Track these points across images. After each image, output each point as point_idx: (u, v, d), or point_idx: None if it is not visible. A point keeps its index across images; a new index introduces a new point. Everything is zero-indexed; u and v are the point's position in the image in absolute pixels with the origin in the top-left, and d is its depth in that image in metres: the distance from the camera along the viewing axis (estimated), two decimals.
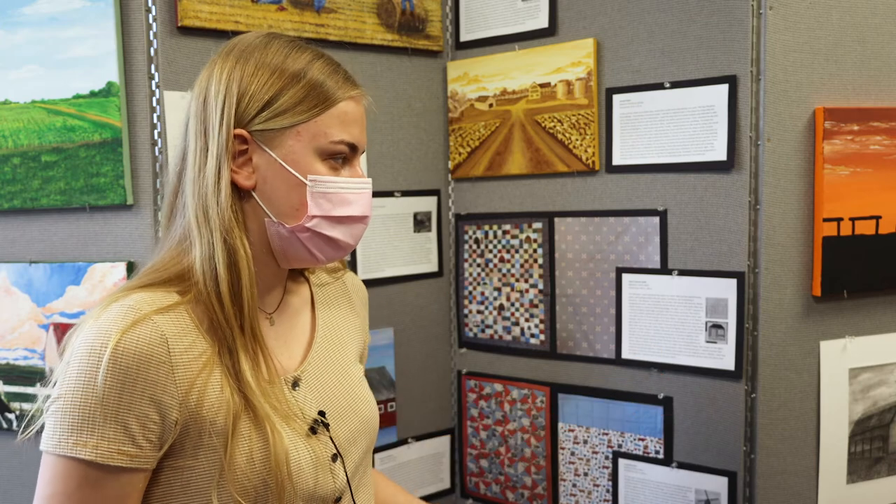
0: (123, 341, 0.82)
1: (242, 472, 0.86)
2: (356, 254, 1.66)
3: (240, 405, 0.87)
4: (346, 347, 1.07)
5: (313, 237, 0.93)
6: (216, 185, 0.88)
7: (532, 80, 1.66)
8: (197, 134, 0.91)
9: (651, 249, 1.55)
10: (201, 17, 1.40)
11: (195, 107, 0.92)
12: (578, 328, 1.66)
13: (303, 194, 0.91)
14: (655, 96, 1.52)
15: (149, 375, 0.82)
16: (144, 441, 0.83)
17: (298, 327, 1.02)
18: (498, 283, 1.77)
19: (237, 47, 0.93)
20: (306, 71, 0.91)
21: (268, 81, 0.90)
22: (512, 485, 1.79)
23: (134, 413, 0.82)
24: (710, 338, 1.48)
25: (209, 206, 0.88)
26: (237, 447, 0.86)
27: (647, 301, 1.56)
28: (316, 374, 0.99)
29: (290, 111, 0.90)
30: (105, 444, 0.81)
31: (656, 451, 1.57)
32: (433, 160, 1.80)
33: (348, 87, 0.93)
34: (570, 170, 1.63)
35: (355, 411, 1.01)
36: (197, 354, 0.87)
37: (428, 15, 1.73)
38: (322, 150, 0.91)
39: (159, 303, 0.87)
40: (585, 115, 1.60)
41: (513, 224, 1.74)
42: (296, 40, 0.95)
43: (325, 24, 1.56)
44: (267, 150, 0.90)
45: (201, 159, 0.90)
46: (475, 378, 1.83)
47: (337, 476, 0.95)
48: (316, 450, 0.92)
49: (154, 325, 0.84)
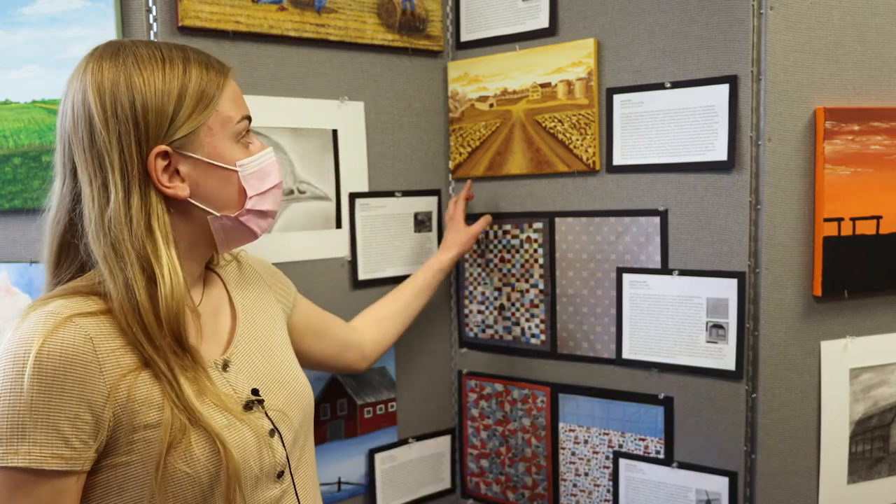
0: (47, 345, 0.81)
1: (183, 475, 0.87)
2: (357, 254, 1.66)
3: (180, 418, 0.87)
4: (270, 323, 1.13)
5: (252, 216, 0.99)
6: (126, 216, 0.88)
7: (532, 80, 1.66)
8: (90, 171, 0.89)
9: (652, 249, 1.55)
10: (202, 17, 1.40)
11: (78, 144, 0.90)
12: (579, 328, 1.66)
13: (237, 182, 0.96)
14: (656, 96, 1.52)
15: (76, 375, 0.82)
16: (78, 442, 0.83)
17: (220, 318, 1.06)
18: (498, 283, 1.77)
19: (104, 68, 0.90)
20: (189, 75, 0.93)
21: (164, 94, 0.90)
22: (513, 485, 1.79)
23: (65, 415, 0.82)
24: (711, 338, 1.48)
25: (119, 241, 0.88)
26: (177, 454, 0.87)
27: (648, 301, 1.56)
28: (243, 355, 1.03)
29: (193, 114, 0.92)
30: (38, 450, 0.81)
31: (657, 451, 1.57)
32: (434, 160, 1.80)
33: (224, 72, 0.99)
34: (570, 170, 1.63)
35: (285, 385, 1.06)
36: (125, 357, 0.87)
37: (428, 15, 1.73)
38: (233, 134, 0.97)
39: (80, 308, 0.87)
40: (586, 115, 1.60)
41: (513, 224, 1.74)
42: (152, 42, 0.95)
43: (325, 23, 1.56)
44: (191, 154, 0.93)
45: (101, 198, 0.88)
46: (476, 378, 1.83)
47: (276, 450, 0.99)
48: (255, 428, 0.96)
49: (77, 327, 0.84)
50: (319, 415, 1.62)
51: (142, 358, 0.88)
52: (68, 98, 0.92)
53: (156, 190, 0.90)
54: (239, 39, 1.47)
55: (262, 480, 0.97)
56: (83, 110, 0.89)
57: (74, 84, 0.92)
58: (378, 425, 1.72)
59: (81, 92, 0.90)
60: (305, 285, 1.58)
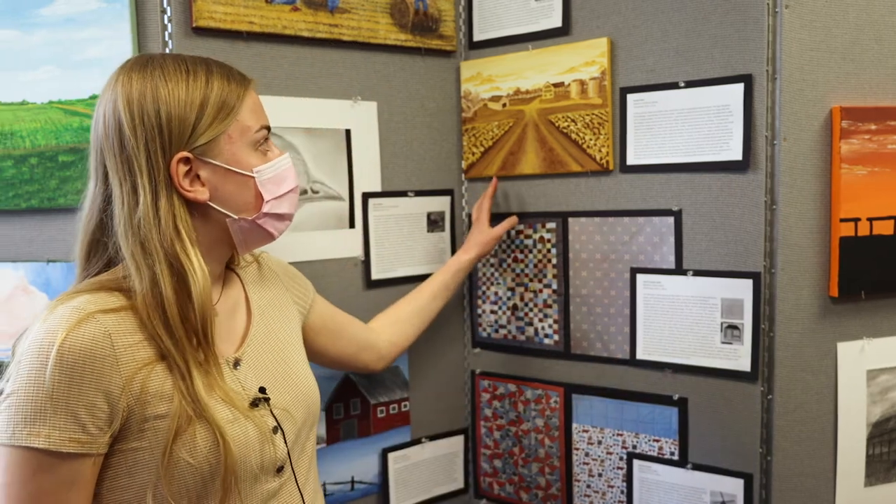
0: (69, 339, 0.88)
1: (186, 464, 0.93)
2: (370, 253, 1.66)
3: (187, 410, 0.94)
4: (284, 324, 1.18)
5: (269, 219, 1.05)
6: (155, 217, 0.95)
7: (545, 80, 1.66)
8: (120, 175, 0.97)
9: (666, 250, 1.54)
10: (216, 17, 1.40)
11: (109, 150, 0.98)
12: (592, 328, 1.65)
13: (254, 186, 1.02)
14: (670, 96, 1.51)
15: (94, 368, 0.89)
16: (94, 428, 0.90)
17: (236, 319, 1.12)
18: (511, 283, 1.77)
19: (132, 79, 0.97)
20: (210, 85, 0.99)
21: (187, 104, 0.97)
22: (526, 485, 1.78)
23: (83, 403, 0.89)
24: (726, 339, 1.47)
25: (148, 240, 0.95)
26: (182, 443, 0.93)
27: (662, 301, 1.55)
28: (255, 354, 1.09)
29: (214, 122, 0.99)
30: (57, 434, 0.88)
31: (671, 452, 1.56)
32: (446, 160, 1.80)
33: (245, 83, 1.05)
34: (583, 170, 1.63)
35: (293, 385, 1.11)
36: (141, 352, 0.94)
37: (441, 15, 1.73)
38: (252, 142, 1.03)
39: (104, 304, 0.94)
40: (599, 114, 1.59)
41: (526, 224, 1.73)
42: (178, 56, 1.02)
43: (338, 24, 1.56)
44: (210, 160, 0.99)
45: (131, 199, 0.96)
46: (489, 378, 1.82)
47: (278, 447, 1.04)
48: (259, 424, 1.01)
49: (98, 323, 0.91)
50: (333, 414, 1.62)
51: (158, 352, 0.95)
52: (101, 107, 1.00)
53: (178, 194, 0.98)
54: (253, 40, 1.47)
55: (261, 474, 1.02)
56: (114, 119, 0.97)
57: (106, 94, 0.99)
58: (391, 425, 1.72)
59: (112, 102, 0.98)
60: (319, 285, 1.59)
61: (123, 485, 0.94)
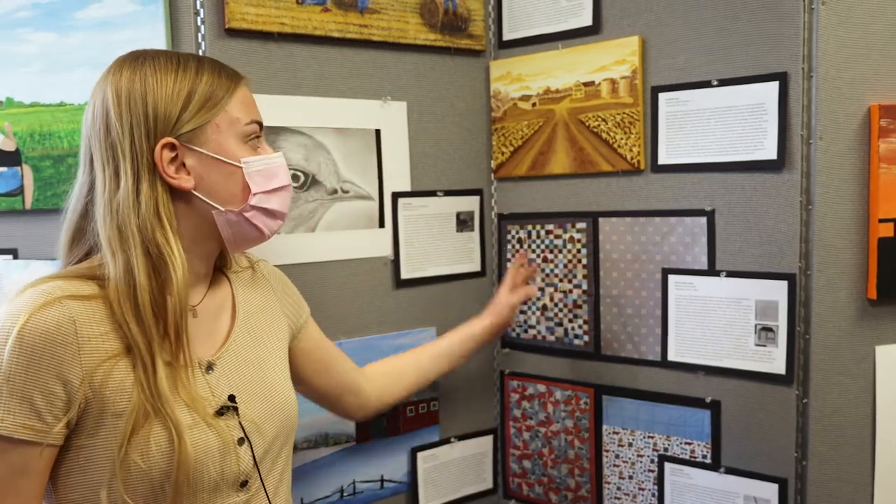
0: (31, 321, 0.86)
1: (136, 467, 0.90)
2: (399, 253, 1.66)
3: (146, 405, 0.91)
4: (269, 334, 1.14)
5: (258, 213, 1.01)
6: (135, 202, 0.93)
7: (576, 79, 1.65)
8: (104, 161, 0.95)
9: (698, 250, 1.52)
10: (248, 19, 1.42)
11: (95, 136, 0.97)
12: (623, 329, 1.64)
13: (241, 177, 1.00)
14: (702, 94, 1.49)
15: (55, 353, 0.87)
16: (49, 416, 0.88)
17: (219, 322, 1.08)
18: (541, 283, 1.76)
19: (123, 70, 0.97)
20: (199, 78, 0.98)
21: (173, 91, 0.96)
22: (555, 486, 1.77)
23: (39, 389, 0.87)
24: (760, 341, 1.45)
25: (126, 224, 0.93)
26: (135, 444, 0.90)
27: (694, 303, 1.53)
28: (231, 360, 1.04)
29: (201, 111, 0.97)
30: (10, 418, 0.86)
31: (703, 455, 1.54)
32: (476, 160, 1.79)
33: (236, 79, 1.03)
34: (614, 169, 1.61)
35: (266, 397, 1.06)
36: (106, 343, 0.91)
37: (470, 14, 1.72)
38: (241, 135, 1.01)
39: (75, 290, 0.92)
40: (630, 113, 1.58)
41: (556, 224, 1.72)
42: (171, 51, 1.04)
43: (368, 24, 1.57)
44: (197, 148, 0.97)
45: (112, 184, 0.95)
46: (518, 378, 1.82)
47: (242, 460, 0.99)
48: (221, 433, 0.97)
49: (63, 308, 0.89)
50: None
51: (124, 345, 0.92)
52: (92, 99, 0.99)
53: (162, 181, 0.95)
54: (284, 41, 1.48)
55: (221, 487, 0.98)
56: (102, 108, 0.96)
57: (98, 87, 0.99)
58: (420, 424, 1.72)
59: (102, 92, 0.97)
60: (348, 284, 1.60)
61: (75, 482, 0.92)
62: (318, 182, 1.54)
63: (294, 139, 1.51)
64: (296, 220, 1.52)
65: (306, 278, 1.54)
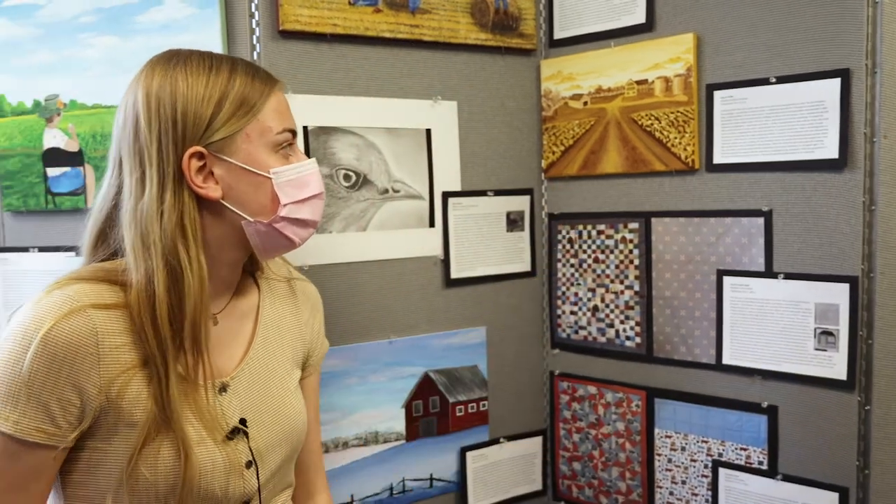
0: (55, 329, 0.86)
1: (143, 479, 0.90)
2: (449, 252, 1.66)
3: (158, 418, 0.91)
4: (285, 354, 1.11)
5: (288, 224, 0.99)
6: (158, 210, 0.92)
7: (628, 78, 1.62)
8: (132, 166, 0.94)
9: (755, 251, 1.49)
10: (301, 20, 1.44)
11: (125, 140, 0.95)
12: (676, 331, 1.61)
13: (270, 188, 0.97)
14: (760, 92, 1.46)
15: (74, 364, 0.87)
16: (64, 422, 0.89)
17: (241, 330, 1.06)
18: (592, 283, 1.74)
19: (155, 73, 0.95)
20: (232, 82, 0.95)
21: (204, 98, 0.93)
22: (606, 489, 1.75)
23: (56, 396, 0.87)
24: (820, 345, 1.41)
25: (149, 233, 0.91)
26: (144, 456, 0.90)
27: (751, 305, 1.49)
28: (246, 380, 1.03)
29: (232, 119, 0.94)
30: (25, 421, 0.87)
31: (759, 461, 1.51)
32: (526, 159, 1.78)
33: (271, 84, 1.00)
34: (667, 169, 1.59)
35: (278, 421, 1.05)
36: (125, 355, 0.91)
37: (521, 13, 1.72)
38: (272, 144, 0.98)
39: (100, 297, 0.91)
40: (685, 112, 1.55)
41: (608, 224, 1.70)
42: (207, 52, 0.99)
43: (419, 24, 1.57)
44: (226, 158, 0.95)
45: (137, 190, 0.93)
46: (568, 379, 1.80)
47: (248, 482, 0.99)
48: (230, 456, 0.97)
49: (87, 318, 0.88)
50: (412, 411, 1.64)
51: (142, 357, 0.92)
52: (123, 100, 0.98)
53: (189, 189, 0.94)
54: (336, 42, 1.50)
55: (224, 503, 0.98)
56: (132, 111, 0.95)
57: (130, 88, 0.97)
58: (470, 424, 1.72)
59: (133, 94, 0.96)
60: (398, 283, 1.61)
61: (83, 481, 0.93)
62: (369, 182, 1.55)
63: (346, 139, 1.52)
64: (347, 219, 1.53)
65: (357, 277, 1.55)
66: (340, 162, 1.52)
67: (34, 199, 1.47)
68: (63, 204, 1.46)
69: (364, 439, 1.59)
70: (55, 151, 1.46)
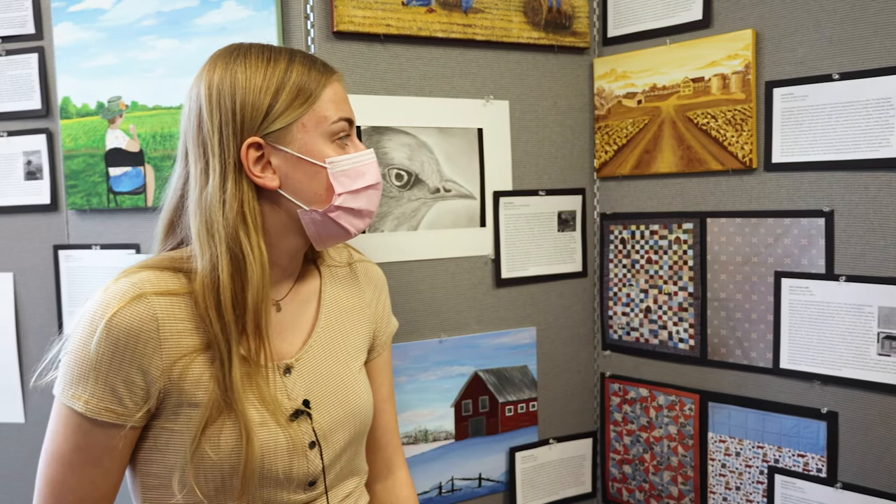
0: (118, 315, 0.91)
1: (208, 458, 0.94)
2: (500, 251, 1.66)
3: (220, 399, 0.94)
4: (349, 338, 1.12)
5: (343, 213, 1.01)
6: (220, 199, 0.95)
7: (684, 75, 1.60)
8: (196, 157, 0.98)
9: (815, 253, 1.45)
10: (355, 21, 1.45)
11: (190, 131, 0.99)
12: (732, 334, 1.58)
13: (325, 178, 0.99)
14: (822, 89, 1.42)
15: (136, 348, 0.92)
16: (130, 402, 0.93)
17: (303, 316, 1.08)
18: (645, 284, 1.71)
19: (217, 66, 0.99)
20: (290, 72, 0.98)
21: (262, 89, 0.96)
22: (657, 493, 1.73)
23: (121, 378, 0.92)
24: (883, 350, 1.36)
25: (213, 221, 0.95)
26: (208, 436, 0.94)
27: (810, 308, 1.45)
28: (310, 362, 1.05)
29: (289, 109, 0.97)
30: (95, 402, 0.92)
31: (818, 469, 1.47)
32: (578, 159, 1.77)
33: (328, 74, 1.02)
34: (724, 168, 1.56)
35: (342, 402, 1.06)
36: (187, 339, 0.95)
37: (575, 11, 1.70)
38: (328, 133, 0.99)
39: (164, 285, 0.95)
40: (742, 110, 1.51)
41: (661, 224, 1.68)
42: (267, 45, 1.01)
43: (472, 24, 1.57)
44: (282, 148, 0.97)
45: (202, 179, 0.97)
46: (619, 381, 1.78)
47: (312, 462, 1.01)
48: (293, 436, 0.99)
49: (149, 304, 0.93)
50: (462, 410, 1.64)
51: (204, 341, 0.95)
52: (189, 94, 1.02)
53: (248, 179, 0.96)
54: (389, 42, 1.51)
55: (288, 483, 1.00)
56: (196, 103, 0.99)
57: (195, 83, 1.01)
58: (519, 424, 1.72)
59: (197, 88, 0.99)
60: (449, 282, 1.61)
61: (154, 458, 0.97)
62: (421, 181, 1.56)
63: (398, 139, 1.53)
64: (399, 218, 1.54)
65: (408, 276, 1.56)
66: (392, 162, 1.53)
67: (97, 198, 1.51)
68: (124, 203, 1.50)
69: (413, 437, 1.59)
70: (117, 152, 1.50)
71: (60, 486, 0.95)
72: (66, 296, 1.55)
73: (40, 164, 1.55)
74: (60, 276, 1.55)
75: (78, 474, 0.94)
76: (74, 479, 0.94)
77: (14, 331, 1.58)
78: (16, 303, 1.58)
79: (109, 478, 0.96)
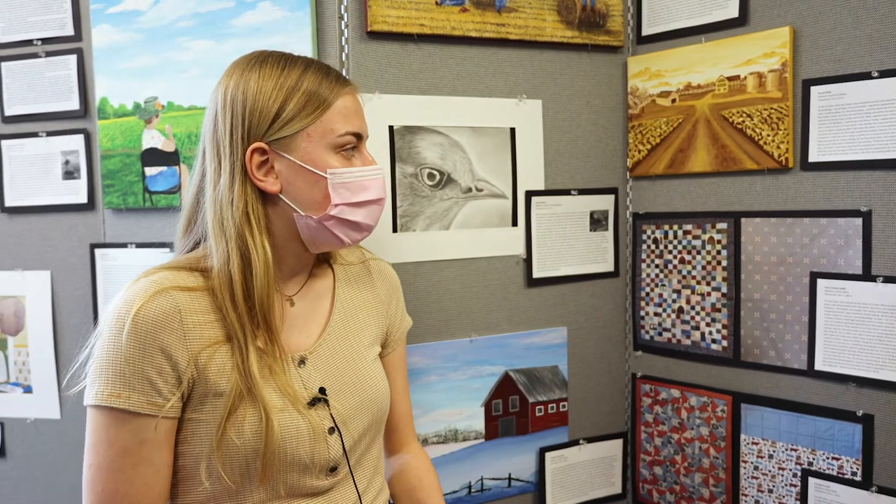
0: (143, 309, 0.95)
1: (233, 444, 0.97)
2: (532, 251, 1.65)
3: (242, 387, 0.97)
4: (363, 331, 1.16)
5: (338, 223, 1.03)
6: (230, 199, 1.00)
7: (719, 74, 1.58)
8: (211, 156, 1.03)
9: (851, 253, 1.43)
10: (389, 21, 1.45)
11: (207, 132, 1.04)
12: (766, 335, 1.56)
13: (324, 187, 1.02)
14: (861, 87, 1.40)
15: (163, 337, 0.95)
16: (165, 389, 0.96)
17: (318, 311, 1.12)
18: (677, 284, 1.70)
19: (235, 72, 1.03)
20: (302, 81, 1.01)
21: (271, 97, 1.00)
22: (688, 495, 1.72)
23: (154, 367, 0.95)
24: None
25: (223, 218, 1.00)
26: (232, 422, 0.97)
27: (847, 309, 1.44)
28: (325, 354, 1.09)
29: (296, 118, 1.00)
30: (136, 396, 0.95)
31: (853, 472, 1.45)
32: (611, 158, 1.76)
33: (340, 86, 1.04)
34: (759, 167, 1.54)
35: (358, 389, 1.10)
36: (209, 331, 0.99)
37: (609, 10, 1.69)
38: (333, 145, 1.02)
39: (182, 282, 1.00)
40: (779, 108, 1.50)
41: (695, 224, 1.66)
42: (286, 54, 1.04)
43: (505, 23, 1.57)
44: (285, 155, 1.01)
45: (215, 177, 1.02)
46: (650, 382, 1.77)
47: (332, 447, 1.04)
48: (313, 422, 1.02)
49: (171, 297, 0.97)
50: (492, 410, 1.64)
51: (225, 333, 0.99)
52: (210, 97, 1.06)
53: (251, 182, 1.01)
54: (423, 41, 1.51)
55: (311, 469, 1.03)
56: (213, 106, 1.04)
57: (217, 87, 1.05)
58: (549, 424, 1.71)
59: (216, 91, 1.04)
60: (481, 282, 1.61)
61: (180, 452, 1.00)
62: (453, 180, 1.56)
63: (430, 138, 1.53)
64: (431, 217, 1.54)
65: (439, 275, 1.56)
66: (425, 161, 1.53)
67: (133, 198, 1.53)
68: (159, 202, 1.52)
69: (443, 437, 1.60)
70: (153, 151, 1.52)
71: (113, 497, 0.96)
72: (101, 294, 1.58)
73: (78, 163, 1.57)
74: (97, 274, 1.57)
75: (131, 479, 0.96)
76: (127, 486, 0.96)
77: (51, 328, 1.61)
78: (53, 300, 1.61)
79: (160, 476, 0.98)
